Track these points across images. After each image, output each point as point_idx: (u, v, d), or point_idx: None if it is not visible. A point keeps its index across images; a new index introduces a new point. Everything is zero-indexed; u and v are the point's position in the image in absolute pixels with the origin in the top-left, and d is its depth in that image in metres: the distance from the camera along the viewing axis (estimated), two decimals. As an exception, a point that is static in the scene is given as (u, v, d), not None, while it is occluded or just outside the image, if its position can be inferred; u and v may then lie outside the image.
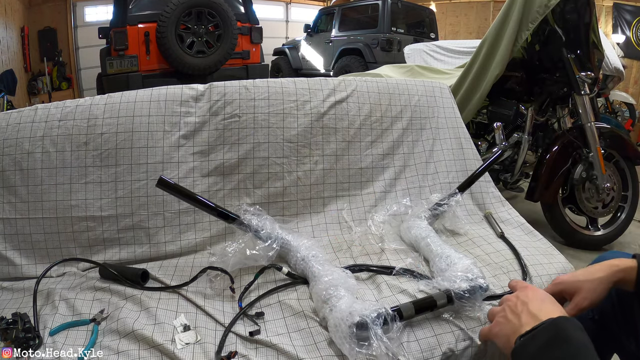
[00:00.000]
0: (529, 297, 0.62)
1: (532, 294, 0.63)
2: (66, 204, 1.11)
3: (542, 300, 0.61)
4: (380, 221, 1.27)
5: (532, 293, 0.64)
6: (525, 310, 0.59)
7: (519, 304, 0.62)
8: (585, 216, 2.20)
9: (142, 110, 1.19)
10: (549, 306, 0.60)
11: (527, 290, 0.65)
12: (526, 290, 0.65)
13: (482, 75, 2.12)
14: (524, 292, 0.64)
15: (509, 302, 0.64)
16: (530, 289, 0.65)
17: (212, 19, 4.25)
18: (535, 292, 0.64)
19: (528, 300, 0.61)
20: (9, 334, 0.80)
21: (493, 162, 1.39)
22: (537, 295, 0.63)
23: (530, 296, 0.62)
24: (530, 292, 0.64)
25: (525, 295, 0.63)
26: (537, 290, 0.65)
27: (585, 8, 1.98)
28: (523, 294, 0.64)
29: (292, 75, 7.57)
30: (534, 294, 0.63)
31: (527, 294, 0.63)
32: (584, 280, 0.70)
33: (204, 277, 1.01)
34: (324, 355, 0.80)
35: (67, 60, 7.68)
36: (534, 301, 0.61)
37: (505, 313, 0.62)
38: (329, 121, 1.35)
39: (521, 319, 0.58)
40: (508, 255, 1.15)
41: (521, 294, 0.64)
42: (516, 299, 0.63)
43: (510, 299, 0.64)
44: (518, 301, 0.62)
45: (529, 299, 0.62)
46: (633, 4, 6.20)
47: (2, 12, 5.68)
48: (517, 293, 0.66)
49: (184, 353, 0.78)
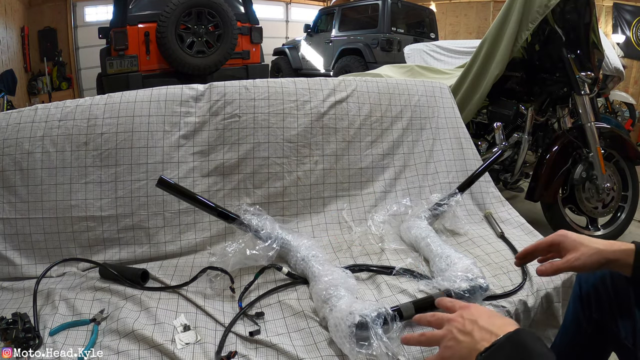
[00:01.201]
0: (475, 315, 0.58)
1: (476, 311, 0.59)
2: (66, 204, 1.11)
3: (490, 315, 0.58)
4: (380, 221, 1.27)
5: (476, 310, 0.60)
6: (476, 328, 0.56)
7: (467, 323, 0.58)
8: (585, 216, 2.20)
9: (142, 110, 1.19)
10: (499, 320, 0.57)
11: (470, 308, 0.61)
12: (469, 308, 0.61)
13: (482, 75, 2.12)
14: (468, 311, 0.60)
15: (455, 323, 0.59)
16: (472, 306, 0.61)
17: (212, 19, 4.24)
18: (478, 308, 0.61)
19: (475, 317, 0.58)
20: (9, 334, 0.80)
21: (493, 162, 1.39)
22: (482, 311, 0.59)
23: (476, 313, 0.59)
24: (474, 309, 0.60)
25: (471, 313, 0.59)
26: (479, 307, 0.61)
27: (585, 8, 1.98)
28: (467, 312, 0.60)
29: (292, 75, 7.56)
30: (479, 311, 0.59)
31: (472, 312, 0.59)
32: (585, 243, 0.72)
33: (204, 277, 1.01)
34: (324, 355, 0.80)
35: (67, 60, 7.68)
36: (482, 317, 0.57)
37: (453, 335, 0.58)
38: (329, 121, 1.35)
39: (474, 336, 0.55)
40: (508, 255, 1.15)
41: (465, 312, 0.60)
42: (461, 318, 0.59)
43: (454, 320, 0.59)
44: (465, 320, 0.58)
45: (475, 316, 0.58)
46: (633, 4, 6.20)
47: (2, 12, 5.68)
48: (459, 312, 0.61)
49: (184, 353, 0.78)
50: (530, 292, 1.02)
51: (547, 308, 1.06)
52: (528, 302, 1.00)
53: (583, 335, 0.88)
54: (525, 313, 1.00)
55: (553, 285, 1.06)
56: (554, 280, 1.07)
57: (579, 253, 0.71)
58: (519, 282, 1.03)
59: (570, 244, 0.73)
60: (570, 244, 0.73)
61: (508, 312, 0.96)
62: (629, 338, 0.76)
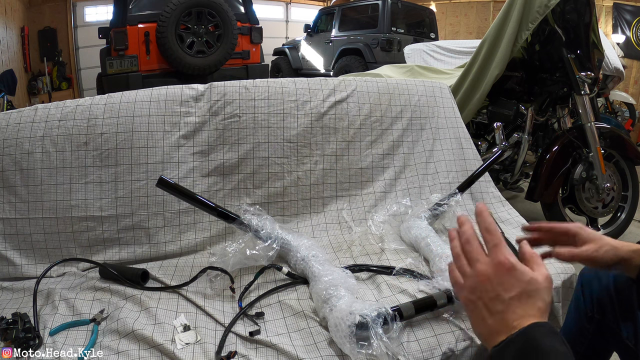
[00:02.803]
0: (508, 288, 0.52)
1: (511, 284, 0.53)
2: (66, 204, 1.11)
3: (521, 298, 0.52)
4: (380, 221, 1.27)
5: (511, 282, 0.53)
6: (500, 314, 0.52)
7: (497, 303, 0.52)
8: (585, 216, 2.20)
9: (142, 110, 1.19)
10: (522, 307, 0.52)
11: (505, 273, 0.53)
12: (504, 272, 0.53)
13: (482, 75, 2.12)
14: (502, 277, 0.53)
15: (485, 288, 0.53)
16: (510, 271, 0.53)
17: (212, 19, 4.25)
18: (516, 280, 0.53)
19: (506, 295, 0.52)
20: (9, 334, 0.80)
21: (493, 162, 1.39)
22: (515, 289, 0.52)
23: (511, 291, 0.52)
24: (510, 279, 0.53)
25: (503, 287, 0.53)
26: (517, 276, 0.53)
27: (585, 8, 1.98)
28: (500, 279, 0.53)
29: (292, 75, 7.57)
30: (513, 286, 0.52)
31: (505, 286, 0.53)
32: (602, 238, 0.73)
33: (204, 277, 1.01)
34: (324, 355, 0.80)
35: (67, 60, 7.68)
36: (512, 302, 0.52)
37: (478, 307, 0.54)
38: (329, 121, 1.35)
39: (497, 324, 0.52)
40: (508, 255, 1.14)
41: (498, 278, 0.53)
42: (491, 285, 0.53)
43: (484, 282, 0.54)
44: (496, 297, 0.53)
45: (507, 290, 0.52)
46: (633, 4, 6.20)
47: (2, 12, 5.68)
48: (494, 271, 0.53)
49: (184, 353, 0.78)
50: (530, 292, 1.01)
51: (547, 308, 1.06)
52: (528, 302, 0.99)
53: (584, 335, 0.88)
54: (525, 313, 1.00)
55: (553, 285, 1.06)
56: (553, 280, 1.07)
57: (598, 246, 0.71)
58: (519, 282, 1.03)
59: (587, 236, 0.73)
60: (588, 236, 0.73)
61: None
62: (631, 338, 0.76)
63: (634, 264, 0.70)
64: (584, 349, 0.90)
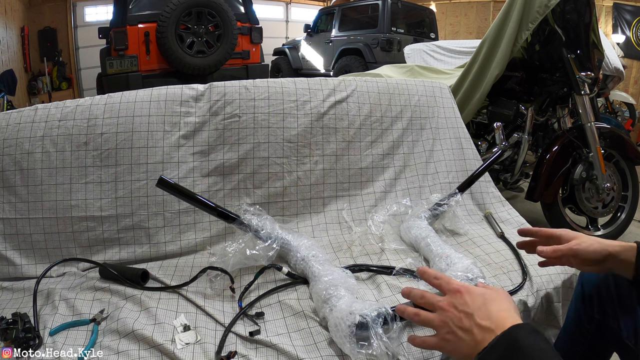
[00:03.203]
0: (471, 306, 0.56)
1: (470, 299, 0.57)
2: (66, 204, 1.11)
3: (485, 304, 0.55)
4: (380, 221, 1.27)
5: (469, 298, 0.57)
6: (475, 325, 0.54)
7: (464, 319, 0.55)
8: (585, 216, 2.20)
9: (142, 110, 1.19)
10: (495, 312, 0.54)
11: (462, 294, 0.57)
12: (460, 295, 0.58)
13: (482, 75, 2.12)
14: (460, 300, 0.57)
15: (450, 315, 0.57)
16: (464, 292, 0.58)
17: (212, 19, 4.25)
18: (471, 295, 0.57)
19: (471, 310, 0.55)
20: (9, 334, 0.80)
21: (493, 162, 1.39)
22: (477, 301, 0.56)
23: (470, 304, 0.56)
24: (467, 296, 0.57)
25: (464, 304, 0.56)
26: (471, 292, 0.58)
27: (585, 8, 1.98)
28: (460, 301, 0.57)
29: (292, 75, 7.57)
30: (472, 300, 0.57)
31: (466, 302, 0.57)
32: (585, 235, 0.76)
33: (204, 277, 1.01)
34: (324, 355, 0.80)
35: (67, 60, 7.69)
36: (479, 311, 0.55)
37: (451, 329, 0.56)
38: (329, 121, 1.35)
39: (475, 335, 0.54)
40: (508, 255, 1.15)
41: (457, 301, 0.57)
42: (455, 310, 0.57)
43: (448, 311, 0.57)
44: (460, 314, 0.56)
45: (471, 308, 0.56)
46: (633, 4, 6.20)
47: (2, 12, 5.68)
48: (450, 301, 0.58)
49: (184, 353, 0.78)
50: (530, 292, 1.02)
51: (547, 308, 1.06)
52: (528, 302, 1.00)
53: (585, 335, 0.88)
54: (525, 313, 1.00)
55: (553, 285, 1.06)
56: (554, 280, 1.07)
57: (580, 240, 0.74)
58: (519, 282, 1.03)
59: (571, 235, 0.77)
60: (571, 235, 0.76)
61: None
62: (631, 338, 0.76)
63: (624, 260, 0.71)
64: (584, 349, 0.90)
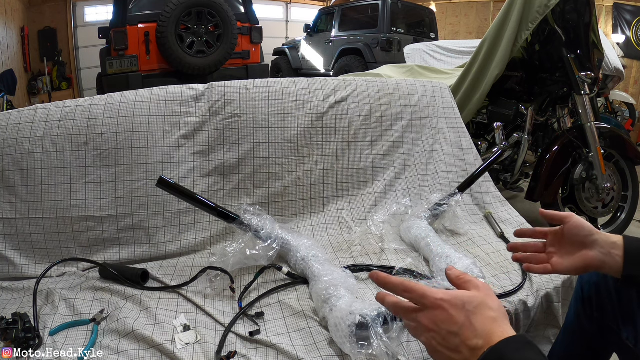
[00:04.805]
0: (456, 325, 0.52)
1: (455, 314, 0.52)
2: (66, 204, 1.11)
3: (468, 319, 0.52)
4: (380, 221, 1.27)
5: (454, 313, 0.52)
6: (462, 345, 0.51)
7: (449, 338, 0.52)
8: (585, 216, 2.19)
9: (142, 110, 1.19)
10: (481, 326, 0.51)
11: (444, 311, 0.53)
12: (442, 312, 0.53)
13: (482, 75, 2.12)
14: (440, 316, 0.53)
15: (433, 335, 0.53)
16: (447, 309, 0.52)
17: (212, 19, 4.25)
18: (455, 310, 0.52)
19: (455, 329, 0.51)
20: (9, 334, 0.80)
21: (493, 162, 1.39)
22: (460, 318, 0.52)
23: (456, 322, 0.52)
24: (445, 313, 0.52)
25: (449, 323, 0.52)
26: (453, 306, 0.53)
27: (585, 8, 1.98)
28: (440, 318, 0.53)
29: (292, 75, 7.57)
30: (457, 315, 0.52)
31: (446, 319, 0.52)
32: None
33: (204, 277, 1.01)
34: (324, 355, 0.80)
35: (67, 60, 7.68)
36: (465, 328, 0.51)
37: (436, 348, 0.53)
38: (329, 121, 1.35)
39: (464, 354, 0.51)
40: (508, 255, 1.13)
41: (439, 318, 0.53)
42: (437, 327, 0.53)
43: (431, 330, 0.53)
44: (444, 333, 0.52)
45: (456, 327, 0.52)
46: (633, 4, 6.20)
47: (2, 12, 5.68)
48: (433, 318, 0.53)
49: (184, 353, 0.78)
50: (530, 292, 1.02)
51: (547, 308, 1.06)
52: (528, 302, 1.00)
53: (584, 335, 0.88)
54: (525, 313, 1.00)
55: (553, 285, 1.06)
56: (554, 280, 1.07)
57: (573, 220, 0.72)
58: (519, 282, 1.03)
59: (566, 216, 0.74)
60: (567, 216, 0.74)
61: (508, 312, 0.96)
62: (631, 339, 0.76)
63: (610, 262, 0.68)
64: (584, 349, 0.90)
